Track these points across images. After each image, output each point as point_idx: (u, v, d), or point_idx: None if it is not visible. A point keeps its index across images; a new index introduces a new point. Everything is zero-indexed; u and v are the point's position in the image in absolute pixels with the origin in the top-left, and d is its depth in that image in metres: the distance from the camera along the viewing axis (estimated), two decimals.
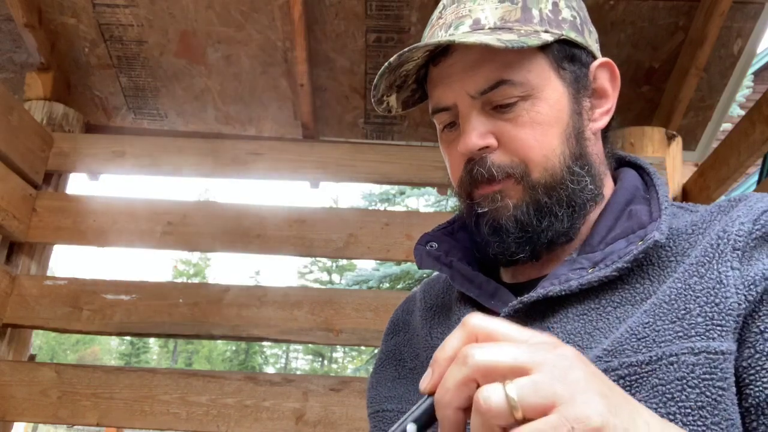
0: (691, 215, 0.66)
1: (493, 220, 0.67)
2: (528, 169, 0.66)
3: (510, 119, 0.66)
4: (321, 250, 2.08)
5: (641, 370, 0.54)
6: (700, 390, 0.52)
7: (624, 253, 0.62)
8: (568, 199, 0.66)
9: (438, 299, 0.79)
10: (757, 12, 2.01)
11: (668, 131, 2.12)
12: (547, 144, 0.66)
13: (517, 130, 0.66)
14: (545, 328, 0.62)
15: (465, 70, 0.66)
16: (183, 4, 2.14)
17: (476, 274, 0.71)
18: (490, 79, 0.65)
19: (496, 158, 0.66)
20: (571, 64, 0.69)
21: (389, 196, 17.64)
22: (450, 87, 0.68)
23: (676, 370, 0.53)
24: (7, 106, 1.92)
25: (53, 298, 2.00)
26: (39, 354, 17.28)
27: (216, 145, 2.21)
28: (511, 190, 0.66)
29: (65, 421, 1.91)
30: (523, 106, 0.65)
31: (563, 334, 0.60)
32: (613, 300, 0.61)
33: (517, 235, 0.66)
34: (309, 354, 31.26)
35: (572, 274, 0.63)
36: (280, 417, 1.87)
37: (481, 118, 0.66)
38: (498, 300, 0.68)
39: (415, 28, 2.14)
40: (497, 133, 0.66)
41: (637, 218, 0.65)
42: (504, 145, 0.66)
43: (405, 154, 2.18)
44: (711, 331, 0.54)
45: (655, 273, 0.61)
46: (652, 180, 0.70)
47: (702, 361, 0.52)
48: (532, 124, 0.65)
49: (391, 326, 0.85)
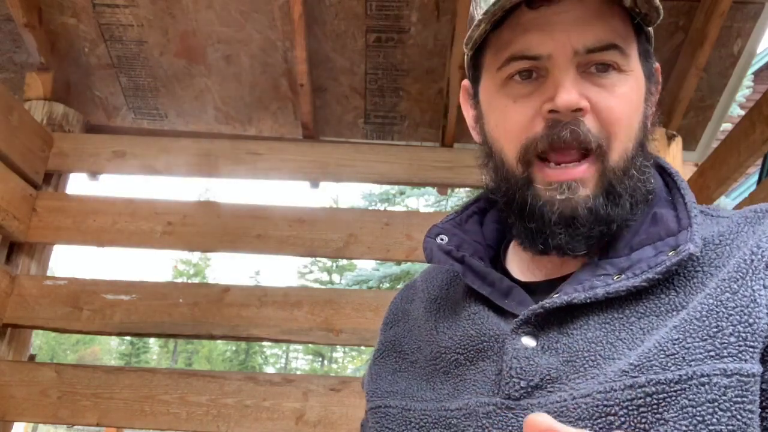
0: (716, 224, 0.64)
1: (569, 209, 0.62)
2: (610, 147, 0.62)
3: (606, 86, 0.62)
4: (321, 250, 2.08)
5: (669, 389, 0.52)
6: (732, 413, 0.50)
7: (654, 263, 0.59)
8: (633, 189, 0.64)
9: (442, 291, 0.76)
10: (757, 12, 2.01)
11: (668, 131, 2.12)
12: (633, 123, 0.63)
13: (612, 99, 0.62)
14: (564, 333, 0.60)
15: (576, 22, 0.61)
16: (183, 4, 2.14)
17: (489, 270, 0.68)
18: (602, 39, 0.61)
19: (589, 123, 0.61)
20: (649, 58, 0.68)
21: (389, 196, 17.65)
22: (551, 35, 0.62)
23: (707, 391, 0.51)
24: (7, 106, 1.92)
25: (53, 298, 2.00)
26: (39, 354, 17.28)
27: (216, 145, 2.21)
28: (588, 179, 0.62)
29: (65, 421, 1.91)
30: (617, 78, 0.63)
31: (584, 342, 0.58)
32: (638, 310, 0.59)
33: (589, 227, 0.62)
34: (309, 354, 31.26)
35: (597, 280, 0.60)
36: (280, 417, 1.87)
37: (579, 78, 0.62)
38: (512, 300, 0.65)
39: (415, 28, 2.14)
40: (591, 98, 0.62)
41: (663, 224, 0.63)
42: (596, 112, 0.62)
43: (405, 154, 2.18)
44: (744, 352, 0.52)
45: (681, 284, 0.59)
46: (675, 183, 0.68)
47: (734, 383, 0.51)
48: (626, 98, 0.63)
49: (390, 315, 0.82)
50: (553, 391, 0.56)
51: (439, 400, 0.64)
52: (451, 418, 0.61)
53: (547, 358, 0.58)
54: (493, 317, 0.65)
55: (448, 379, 0.65)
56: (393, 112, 2.35)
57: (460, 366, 0.65)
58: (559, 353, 0.59)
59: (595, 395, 0.54)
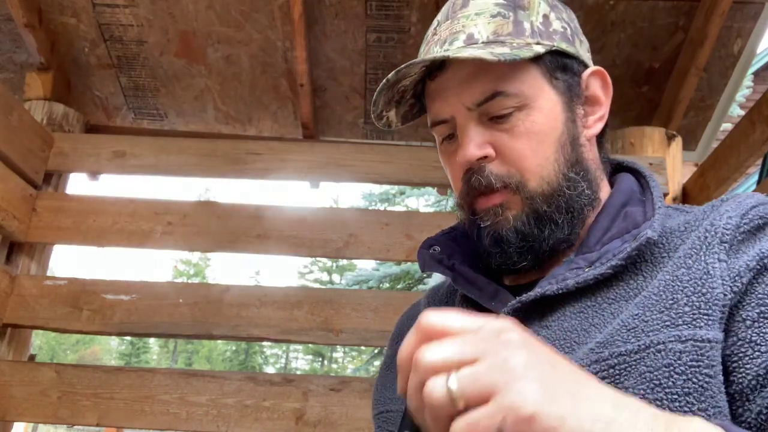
0: (685, 215, 0.67)
1: (495, 232, 0.68)
2: (524, 179, 0.67)
3: (506, 130, 0.68)
4: (321, 250, 2.08)
5: (630, 358, 0.55)
6: (687, 376, 0.53)
7: (619, 251, 0.63)
8: (567, 206, 0.68)
9: (441, 304, 0.82)
10: (757, 12, 2.01)
11: (668, 131, 2.12)
12: (542, 153, 0.68)
13: (514, 140, 0.67)
14: (544, 326, 0.64)
15: (461, 83, 0.68)
16: (183, 4, 2.14)
17: (477, 276, 0.72)
18: (486, 91, 0.67)
19: (494, 168, 0.68)
20: (564, 73, 0.71)
21: (389, 196, 17.65)
22: (447, 100, 0.70)
23: (663, 357, 0.54)
24: (7, 106, 1.92)
25: (53, 298, 2.00)
26: (39, 354, 17.28)
27: (216, 145, 2.21)
28: (511, 202, 0.68)
29: (65, 421, 1.91)
30: (518, 116, 0.67)
31: (561, 331, 0.62)
32: (608, 297, 0.62)
33: (518, 245, 0.68)
34: (309, 354, 31.26)
35: (569, 273, 0.65)
36: (280, 417, 1.87)
37: (479, 128, 0.68)
38: (498, 301, 0.69)
39: (415, 28, 2.14)
40: (494, 143, 0.68)
41: (632, 219, 0.67)
42: (501, 156, 0.68)
43: (405, 154, 2.18)
44: (698, 320, 0.55)
45: (648, 269, 0.63)
46: (648, 182, 0.72)
47: (689, 348, 0.54)
48: (528, 134, 0.67)
49: (397, 331, 0.88)
50: None
51: None
52: None
53: None
54: None
55: None
56: None
57: None
58: None
59: None
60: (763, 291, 0.56)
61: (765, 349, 0.54)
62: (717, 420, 0.52)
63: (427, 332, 0.45)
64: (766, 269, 0.57)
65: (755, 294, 0.56)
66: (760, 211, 0.60)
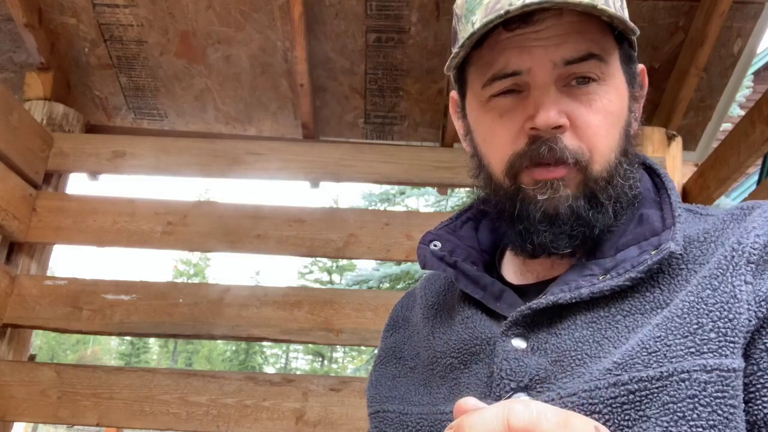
0: (702, 222, 0.65)
1: (551, 207, 0.63)
2: (593, 159, 0.64)
3: (585, 102, 0.64)
4: (321, 250, 2.08)
5: (651, 386, 0.53)
6: (712, 408, 0.50)
7: (637, 262, 0.60)
8: (617, 196, 0.65)
9: (439, 297, 0.78)
10: (757, 12, 2.01)
11: (668, 131, 2.12)
12: (613, 136, 0.65)
13: (591, 115, 0.64)
14: (553, 333, 0.61)
15: (551, 37, 0.63)
16: (183, 4, 2.14)
17: (481, 274, 0.69)
18: (580, 49, 0.63)
19: (567, 140, 0.63)
20: (631, 63, 0.69)
21: (389, 196, 17.64)
22: (529, 52, 0.63)
23: (687, 387, 0.51)
24: (7, 106, 1.92)
25: (53, 298, 2.00)
26: (39, 354, 17.28)
27: (216, 145, 2.21)
28: (572, 179, 0.63)
29: (65, 421, 1.91)
30: (597, 89, 0.64)
31: (571, 341, 0.59)
32: (623, 309, 0.59)
33: (570, 225, 0.63)
34: (309, 354, 31.25)
35: (582, 281, 0.61)
36: (280, 417, 1.87)
37: (558, 94, 0.63)
38: (504, 302, 0.66)
39: (415, 28, 2.14)
40: (571, 114, 0.63)
41: (648, 224, 0.64)
42: (575, 129, 0.63)
43: (405, 154, 2.18)
44: (724, 348, 0.52)
45: (665, 281, 0.60)
46: (663, 183, 0.69)
47: (714, 378, 0.51)
48: (604, 111, 0.64)
49: (391, 322, 0.84)
50: (542, 392, 0.57)
51: (435, 404, 0.66)
52: (445, 421, 0.62)
53: (536, 359, 0.59)
54: (486, 320, 0.67)
55: (444, 383, 0.67)
56: (393, 112, 2.35)
57: (455, 370, 0.66)
58: (548, 354, 0.60)
59: (580, 394, 0.55)
60: None
61: None
62: None
63: (512, 426, 0.41)
64: None
65: None
66: None
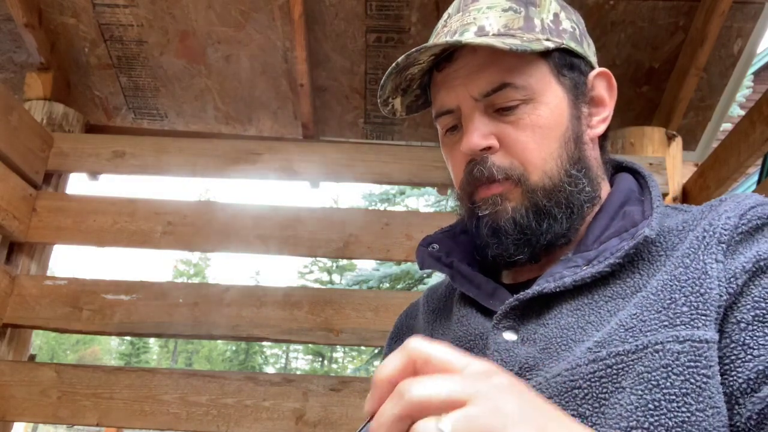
0: (684, 215, 0.68)
1: (493, 222, 0.68)
2: (527, 172, 0.68)
3: (511, 122, 0.68)
4: (321, 250, 2.07)
5: (627, 358, 0.55)
6: (685, 377, 0.53)
7: (616, 249, 0.64)
8: (567, 202, 0.68)
9: (440, 302, 0.81)
10: (757, 12, 2.01)
11: (668, 131, 2.12)
12: (546, 147, 0.68)
13: (518, 132, 0.68)
14: (541, 324, 0.64)
15: (468, 74, 0.69)
16: (183, 4, 2.14)
17: (475, 274, 0.73)
18: (494, 81, 0.67)
19: (496, 159, 0.68)
20: (571, 71, 0.71)
21: (389, 196, 17.64)
22: (453, 90, 0.70)
23: (661, 357, 0.54)
24: (7, 106, 1.92)
25: (53, 298, 2.00)
26: (39, 354, 17.28)
27: (216, 145, 2.21)
28: (511, 193, 0.68)
29: (65, 421, 1.91)
30: (524, 109, 0.68)
31: (557, 329, 0.62)
32: (605, 294, 0.63)
33: (515, 237, 0.68)
34: (309, 354, 31.25)
35: (567, 271, 0.65)
36: (280, 417, 1.87)
37: (484, 119, 0.68)
38: (496, 299, 0.69)
39: (415, 28, 2.14)
40: (499, 135, 0.68)
41: (630, 218, 0.67)
42: (505, 148, 0.68)
43: (405, 154, 2.18)
44: (696, 320, 0.55)
45: (645, 267, 0.63)
46: (647, 182, 0.72)
47: (687, 348, 0.54)
48: (532, 127, 0.67)
49: (395, 330, 0.88)
50: (531, 378, 0.60)
51: None
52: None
53: (525, 349, 0.62)
54: (480, 318, 0.70)
55: None
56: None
57: None
58: (537, 343, 0.63)
59: (563, 373, 0.58)
60: (759, 294, 0.56)
61: (758, 353, 0.54)
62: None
63: (413, 357, 0.43)
64: (761, 271, 0.57)
65: (750, 296, 0.56)
66: (758, 212, 0.60)
